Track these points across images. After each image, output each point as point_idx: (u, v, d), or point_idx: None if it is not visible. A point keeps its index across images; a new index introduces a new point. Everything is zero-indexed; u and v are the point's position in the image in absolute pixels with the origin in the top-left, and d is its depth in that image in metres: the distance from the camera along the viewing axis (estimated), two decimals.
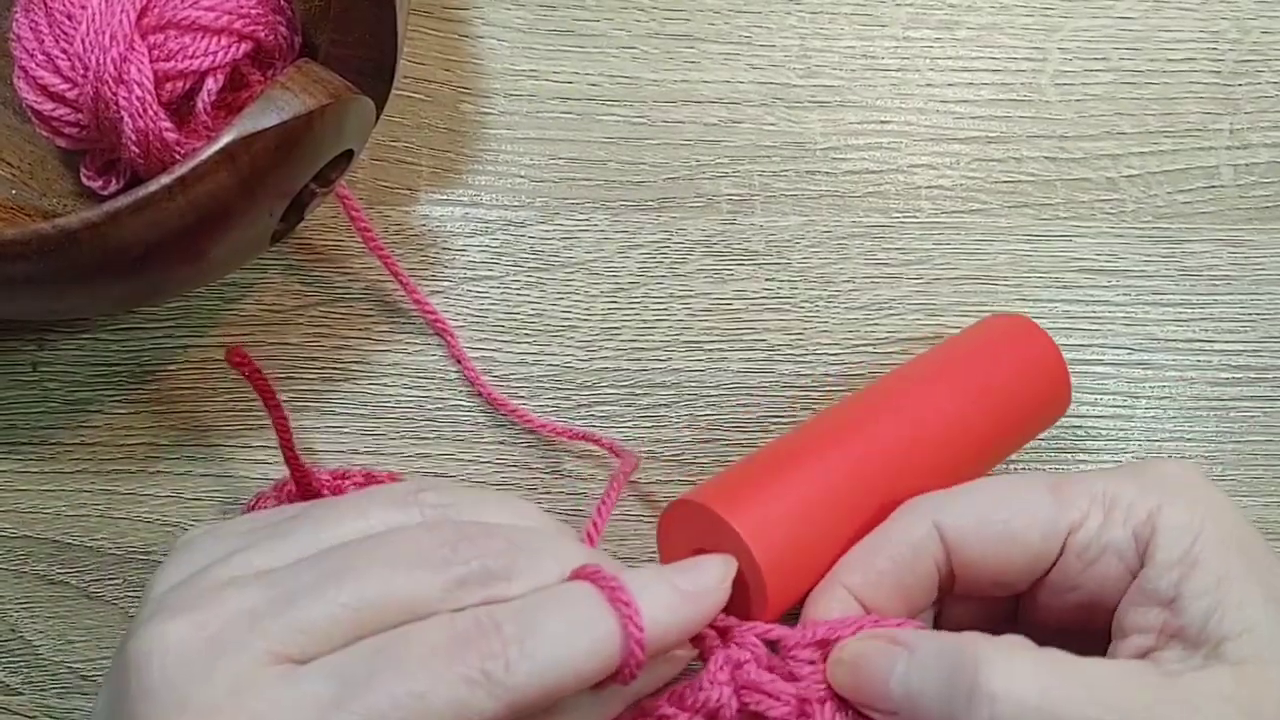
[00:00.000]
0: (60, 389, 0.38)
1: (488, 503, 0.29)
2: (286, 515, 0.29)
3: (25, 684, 0.36)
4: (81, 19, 0.32)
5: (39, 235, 0.29)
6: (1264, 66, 0.41)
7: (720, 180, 0.40)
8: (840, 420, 0.34)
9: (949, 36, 0.41)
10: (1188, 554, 0.28)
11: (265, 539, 0.27)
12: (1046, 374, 0.35)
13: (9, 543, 0.37)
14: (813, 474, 0.31)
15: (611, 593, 0.26)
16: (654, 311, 0.39)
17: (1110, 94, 0.41)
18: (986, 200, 0.40)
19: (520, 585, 0.26)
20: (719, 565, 0.29)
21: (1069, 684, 0.26)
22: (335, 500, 0.29)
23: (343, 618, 0.25)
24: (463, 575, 0.26)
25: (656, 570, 0.28)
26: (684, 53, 0.41)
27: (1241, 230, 0.40)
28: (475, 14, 0.41)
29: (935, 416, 0.33)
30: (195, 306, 0.38)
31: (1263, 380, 0.39)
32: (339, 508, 0.28)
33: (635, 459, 0.34)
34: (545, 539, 0.28)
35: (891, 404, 0.33)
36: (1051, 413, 0.36)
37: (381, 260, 0.37)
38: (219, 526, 0.29)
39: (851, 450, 0.32)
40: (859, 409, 0.34)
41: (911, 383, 0.34)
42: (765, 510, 0.30)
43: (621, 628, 0.26)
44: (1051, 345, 0.35)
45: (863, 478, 0.32)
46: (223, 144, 0.30)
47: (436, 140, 0.40)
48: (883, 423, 0.33)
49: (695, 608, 0.28)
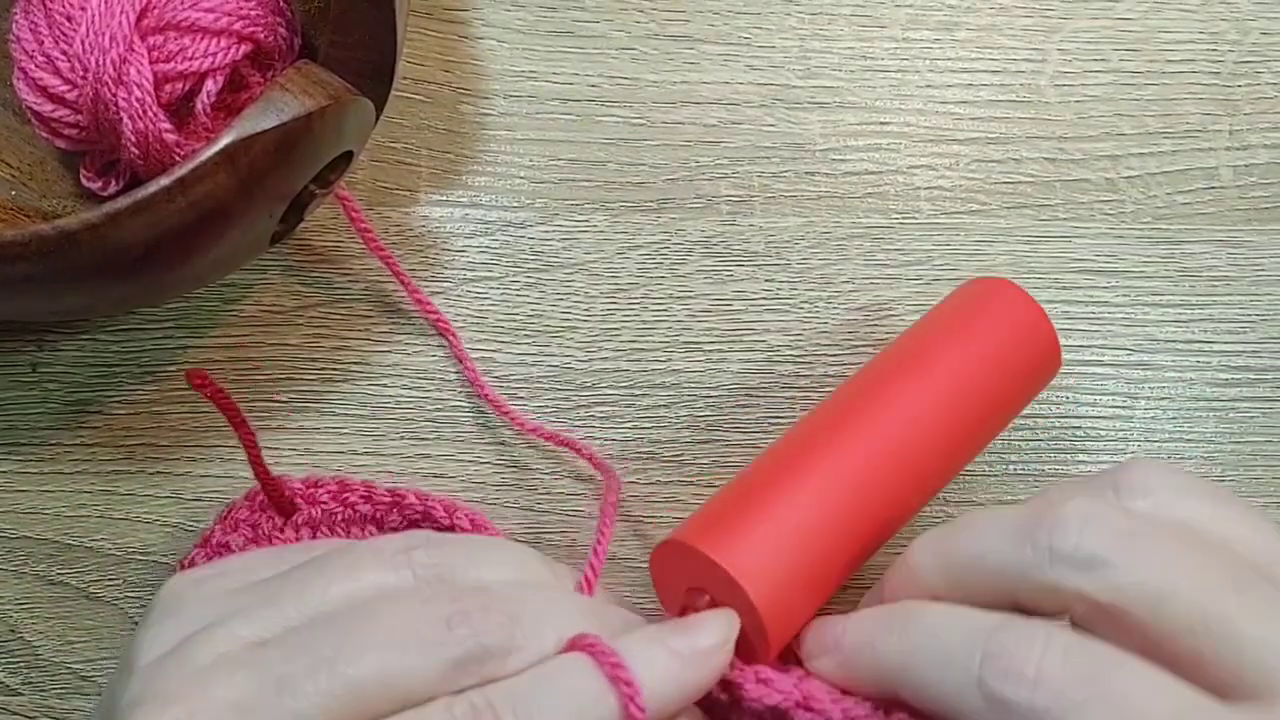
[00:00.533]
0: (60, 390, 0.38)
1: (484, 556, 0.28)
2: (272, 566, 0.28)
3: (25, 685, 0.36)
4: (81, 20, 0.33)
5: (38, 236, 0.29)
6: (1263, 67, 0.41)
7: (720, 181, 0.40)
8: (827, 425, 0.32)
9: (948, 38, 0.41)
10: None
11: (251, 605, 0.26)
12: (1033, 338, 0.33)
13: (8, 543, 0.37)
14: (804, 494, 0.30)
15: (611, 669, 0.26)
16: (653, 312, 0.39)
17: (1109, 95, 0.41)
18: (986, 201, 0.40)
19: (518, 660, 0.26)
20: (720, 625, 0.28)
21: None
22: (324, 560, 0.27)
23: (336, 710, 0.24)
24: (459, 657, 0.25)
25: (655, 634, 0.28)
26: (683, 54, 0.41)
27: (1241, 231, 0.40)
28: (475, 15, 0.41)
29: (924, 411, 0.32)
30: (195, 307, 0.38)
31: (1262, 381, 0.39)
32: (328, 570, 0.27)
33: (619, 481, 0.34)
34: (543, 602, 0.27)
35: (878, 402, 0.32)
36: (1043, 377, 0.34)
37: (382, 260, 0.37)
38: (204, 581, 0.28)
39: (842, 461, 0.31)
40: (846, 410, 0.32)
41: (895, 374, 0.33)
42: (759, 547, 0.29)
43: (622, 708, 0.25)
44: (1033, 305, 0.34)
45: (857, 490, 0.30)
46: (222, 145, 0.30)
47: (436, 141, 0.40)
48: (871, 425, 0.31)
49: (697, 673, 0.27)
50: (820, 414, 0.33)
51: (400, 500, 0.34)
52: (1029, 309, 0.34)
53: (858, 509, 0.30)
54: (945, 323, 0.34)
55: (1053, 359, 0.34)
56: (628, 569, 0.37)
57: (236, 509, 0.35)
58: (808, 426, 0.33)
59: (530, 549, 0.30)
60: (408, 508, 0.34)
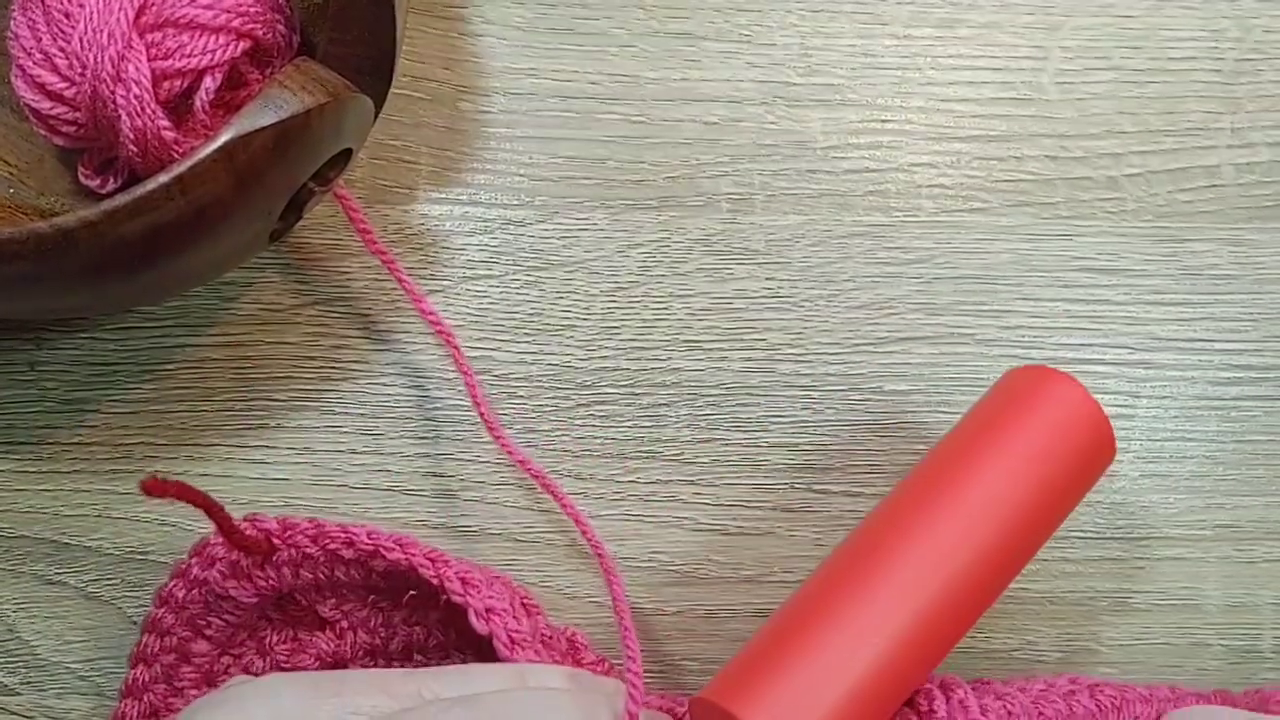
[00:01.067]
0: (58, 388, 0.37)
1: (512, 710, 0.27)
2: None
3: (23, 684, 0.36)
4: (79, 17, 0.32)
5: (36, 234, 0.29)
6: (1266, 65, 0.41)
7: (720, 179, 0.40)
8: (863, 558, 0.30)
9: (950, 35, 0.41)
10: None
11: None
12: (1085, 430, 0.30)
13: (6, 542, 0.37)
14: (840, 644, 0.28)
15: None
16: (654, 310, 0.39)
17: (1111, 93, 0.41)
18: (987, 199, 0.40)
19: None
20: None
21: None
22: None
23: None
24: None
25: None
26: (684, 51, 0.40)
27: (1243, 229, 0.40)
28: (474, 12, 0.40)
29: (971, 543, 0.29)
30: (193, 306, 0.38)
31: (1264, 380, 0.39)
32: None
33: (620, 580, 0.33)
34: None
35: (916, 533, 0.29)
36: (1093, 476, 0.31)
37: (381, 260, 0.37)
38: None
39: (888, 605, 0.28)
40: (883, 539, 0.30)
41: (932, 499, 0.30)
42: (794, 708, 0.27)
43: None
44: (1082, 392, 0.30)
45: (898, 631, 0.28)
46: (221, 143, 0.30)
47: (435, 139, 0.39)
48: (909, 560, 0.29)
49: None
50: (859, 540, 0.31)
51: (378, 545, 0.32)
52: (1083, 404, 0.30)
53: (896, 659, 0.29)
54: (985, 428, 0.31)
55: (1105, 452, 0.31)
56: (629, 568, 0.37)
57: (211, 545, 0.33)
58: (845, 557, 0.31)
59: (559, 694, 0.28)
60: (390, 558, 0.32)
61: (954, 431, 0.32)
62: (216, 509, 0.30)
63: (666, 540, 0.37)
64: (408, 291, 0.37)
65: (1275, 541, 0.38)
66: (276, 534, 0.33)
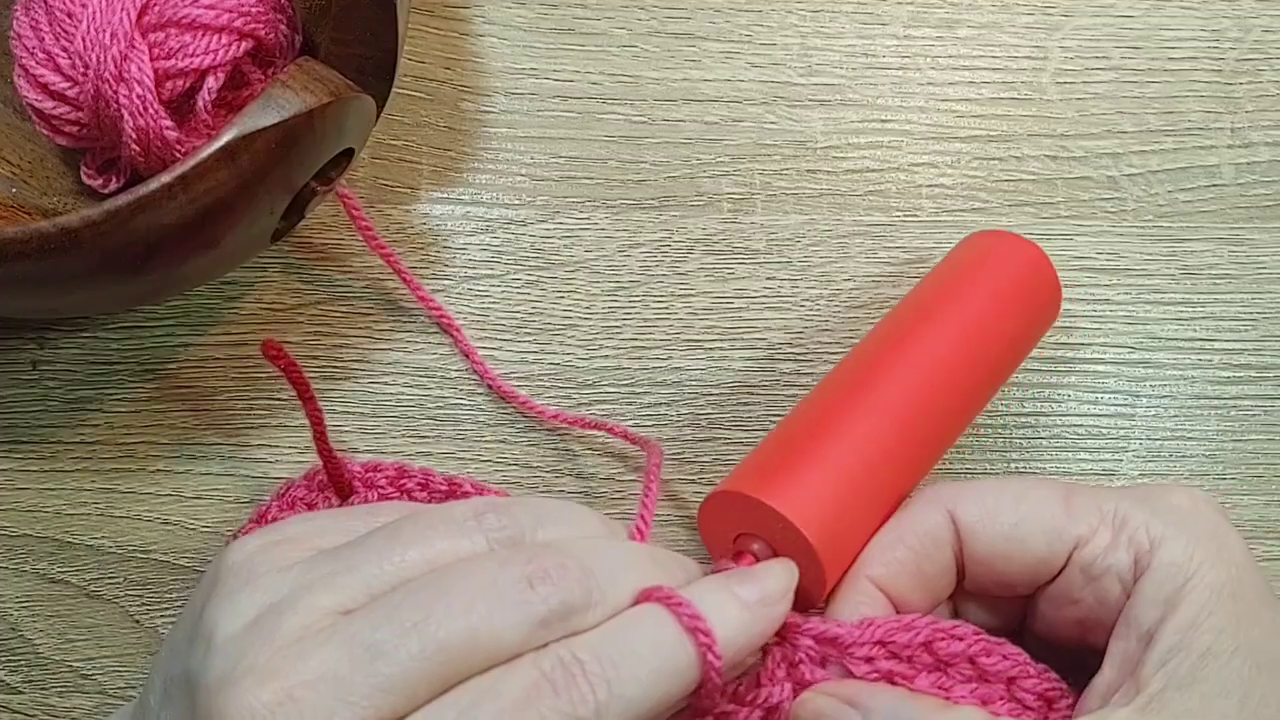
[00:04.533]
0: (60, 388, 0.38)
1: (547, 515, 0.28)
2: (338, 532, 0.28)
3: (25, 683, 0.36)
4: (82, 17, 0.32)
5: (39, 234, 0.29)
6: (1265, 65, 0.41)
7: (721, 179, 0.40)
8: (858, 373, 0.33)
9: (950, 35, 0.41)
10: (1175, 594, 0.27)
11: (330, 573, 0.26)
12: (1035, 277, 0.35)
13: (9, 541, 0.37)
14: (847, 439, 0.31)
15: (689, 621, 0.26)
16: (655, 310, 0.39)
17: (1111, 93, 0.41)
18: (987, 199, 0.40)
19: (597, 613, 0.26)
20: (782, 574, 0.29)
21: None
22: (397, 527, 0.28)
23: (429, 671, 0.24)
24: (544, 615, 0.25)
25: (721, 584, 0.28)
26: (685, 51, 0.40)
27: (1242, 229, 0.40)
28: (476, 12, 0.41)
29: (947, 351, 0.33)
30: (195, 305, 0.38)
31: (1264, 379, 0.39)
32: (401, 536, 0.27)
33: (659, 450, 0.34)
34: (613, 556, 0.27)
35: (903, 349, 0.33)
36: (1048, 314, 0.36)
37: (383, 258, 0.37)
38: (270, 548, 0.28)
39: (879, 404, 0.32)
40: (873, 359, 0.33)
41: (915, 323, 0.34)
42: (809, 490, 0.30)
43: (700, 656, 0.26)
44: (1033, 247, 0.35)
45: (896, 431, 0.31)
46: (223, 142, 0.30)
47: (437, 139, 0.40)
48: (901, 369, 0.32)
49: (763, 622, 0.28)
50: (848, 364, 0.34)
51: (456, 489, 0.34)
52: (1029, 251, 0.35)
53: (897, 449, 0.31)
54: (954, 273, 0.35)
55: (1054, 296, 0.35)
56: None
57: (294, 487, 0.35)
58: (840, 376, 0.34)
59: (584, 506, 0.30)
60: (464, 497, 0.34)
61: (924, 280, 0.36)
62: (319, 425, 0.31)
63: (667, 540, 0.37)
64: (408, 284, 0.37)
65: (1275, 541, 0.38)
66: (360, 476, 0.34)
